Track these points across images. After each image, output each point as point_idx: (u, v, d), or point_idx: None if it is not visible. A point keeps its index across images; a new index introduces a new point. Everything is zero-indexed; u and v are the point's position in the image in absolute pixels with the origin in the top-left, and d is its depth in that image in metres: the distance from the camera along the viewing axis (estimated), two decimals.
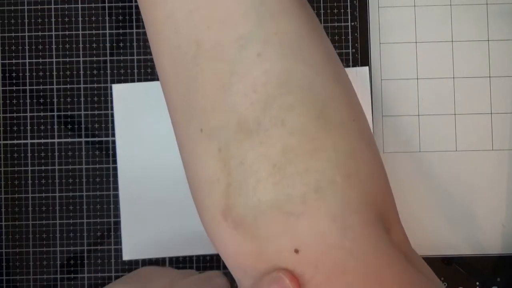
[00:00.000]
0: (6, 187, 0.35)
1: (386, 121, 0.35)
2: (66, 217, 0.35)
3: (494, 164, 0.35)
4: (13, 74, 0.35)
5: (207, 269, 0.35)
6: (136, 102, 0.35)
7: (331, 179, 0.18)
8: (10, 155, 0.35)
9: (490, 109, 0.35)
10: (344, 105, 0.20)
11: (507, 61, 0.35)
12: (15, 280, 0.35)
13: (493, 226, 0.35)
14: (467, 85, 0.35)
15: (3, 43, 0.35)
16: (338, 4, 0.35)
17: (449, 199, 0.35)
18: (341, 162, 0.18)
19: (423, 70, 0.35)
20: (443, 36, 0.35)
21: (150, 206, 0.34)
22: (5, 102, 0.35)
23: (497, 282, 0.34)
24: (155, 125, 0.35)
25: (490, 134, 0.35)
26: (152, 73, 0.35)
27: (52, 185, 0.35)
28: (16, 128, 0.35)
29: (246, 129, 0.18)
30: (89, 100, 0.35)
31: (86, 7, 0.35)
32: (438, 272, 0.35)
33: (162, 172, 0.34)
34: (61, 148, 0.35)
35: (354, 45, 0.35)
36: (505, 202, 0.35)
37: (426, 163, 0.35)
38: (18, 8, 0.35)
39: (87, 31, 0.35)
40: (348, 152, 0.19)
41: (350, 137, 0.19)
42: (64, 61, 0.35)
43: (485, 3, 0.35)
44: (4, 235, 0.35)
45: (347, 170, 0.18)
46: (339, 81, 0.20)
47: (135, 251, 0.35)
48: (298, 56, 0.19)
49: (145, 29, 0.23)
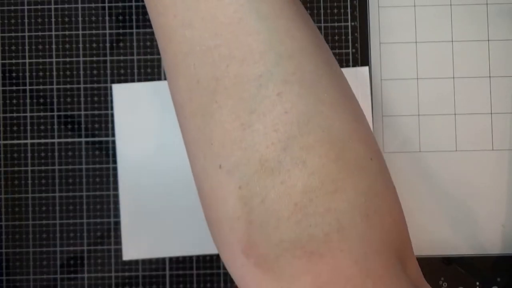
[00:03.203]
0: (6, 187, 0.35)
1: (386, 121, 0.35)
2: (66, 217, 0.35)
3: (494, 164, 0.35)
4: (13, 74, 0.35)
5: (207, 269, 0.35)
6: (136, 102, 0.35)
7: (352, 219, 0.18)
8: (10, 155, 0.35)
9: (490, 109, 0.35)
10: (362, 144, 0.20)
11: (507, 61, 0.35)
12: (15, 280, 0.35)
13: (493, 226, 0.35)
14: (467, 85, 0.35)
15: (3, 43, 0.35)
16: (338, 4, 0.35)
17: (449, 199, 0.35)
18: (361, 203, 0.19)
19: (423, 70, 0.35)
20: (443, 36, 0.35)
21: (150, 206, 0.34)
22: (5, 102, 0.35)
23: (497, 282, 0.34)
24: (155, 125, 0.35)
25: (490, 134, 0.35)
26: (152, 73, 0.35)
27: (52, 185, 0.35)
28: (16, 128, 0.35)
29: (267, 168, 0.19)
30: (89, 100, 0.35)
31: (86, 7, 0.35)
32: (438, 272, 0.35)
33: (162, 172, 0.34)
34: (61, 148, 0.35)
35: (354, 45, 0.35)
36: (505, 202, 0.35)
37: (426, 163, 0.35)
38: (18, 8, 0.35)
39: (87, 31, 0.35)
40: (367, 192, 0.19)
41: (369, 177, 0.19)
42: (64, 61, 0.35)
43: (485, 3, 0.35)
44: (4, 235, 0.35)
45: (367, 211, 0.19)
46: (356, 119, 0.20)
47: (135, 251, 0.35)
48: (318, 95, 0.19)
49: (162, 58, 0.22)
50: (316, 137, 0.19)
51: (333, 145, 0.19)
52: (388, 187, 0.21)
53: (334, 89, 0.20)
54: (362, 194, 0.19)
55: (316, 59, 0.20)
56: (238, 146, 0.19)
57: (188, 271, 0.35)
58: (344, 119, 0.20)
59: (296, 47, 0.20)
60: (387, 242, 0.19)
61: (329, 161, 0.19)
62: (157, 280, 0.35)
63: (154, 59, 0.35)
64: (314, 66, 0.20)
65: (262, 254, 0.19)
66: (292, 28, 0.20)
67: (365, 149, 0.20)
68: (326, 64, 0.21)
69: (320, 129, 0.19)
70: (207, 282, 0.35)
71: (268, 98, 0.19)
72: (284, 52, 0.19)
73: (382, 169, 0.21)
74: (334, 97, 0.20)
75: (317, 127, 0.19)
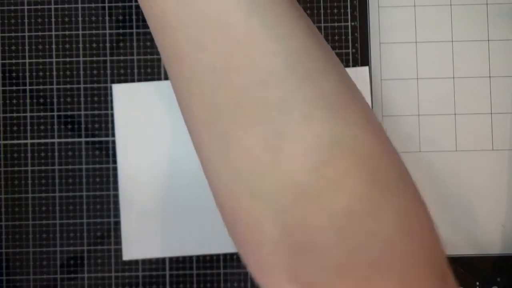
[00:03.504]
0: (6, 187, 0.35)
1: (386, 121, 0.35)
2: (66, 217, 0.35)
3: (494, 164, 0.35)
4: (13, 74, 0.35)
5: (207, 269, 0.35)
6: (136, 102, 0.35)
7: (393, 239, 0.18)
8: (10, 155, 0.35)
9: (490, 109, 0.35)
10: (392, 162, 0.20)
11: (507, 61, 0.35)
12: (15, 280, 0.35)
13: (493, 226, 0.35)
14: (467, 85, 0.35)
15: (3, 43, 0.35)
16: (338, 4, 0.35)
17: (449, 199, 0.35)
18: (400, 222, 0.18)
19: (423, 70, 0.35)
20: (443, 36, 0.35)
21: (150, 206, 0.34)
22: (5, 102, 0.35)
23: (497, 282, 0.34)
24: (155, 125, 0.35)
25: (490, 134, 0.35)
26: (152, 73, 0.35)
27: (52, 185, 0.35)
28: (16, 128, 0.35)
29: (303, 193, 0.18)
30: (89, 100, 0.35)
31: (86, 7, 0.35)
32: None
33: (162, 172, 0.34)
34: (61, 148, 0.35)
35: (354, 45, 0.35)
36: (505, 202, 0.35)
37: (426, 163, 0.35)
38: (18, 8, 0.35)
39: (87, 31, 0.35)
40: (404, 211, 0.19)
41: (404, 196, 0.19)
42: (64, 61, 0.35)
43: (485, 3, 0.35)
44: (4, 235, 0.35)
45: (407, 229, 0.19)
46: (380, 136, 0.20)
47: (135, 251, 0.35)
48: (342, 116, 0.19)
49: (171, 82, 0.21)
50: (348, 160, 0.18)
51: (367, 166, 0.19)
52: (421, 203, 0.20)
53: (355, 106, 0.20)
54: (399, 213, 0.19)
55: (336, 79, 0.20)
56: (270, 172, 0.18)
57: (188, 271, 0.35)
58: (373, 139, 0.19)
59: (316, 67, 0.19)
60: (428, 258, 0.19)
61: (365, 182, 0.18)
62: (157, 280, 0.35)
63: (154, 59, 0.35)
64: (335, 86, 0.20)
65: (308, 279, 0.18)
66: (310, 47, 0.20)
67: (395, 168, 0.20)
68: (344, 82, 0.20)
69: (351, 150, 0.18)
70: (207, 282, 0.35)
71: (294, 121, 0.18)
72: (304, 74, 0.19)
73: (413, 187, 0.21)
74: (357, 115, 0.20)
75: (348, 149, 0.18)
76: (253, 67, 0.19)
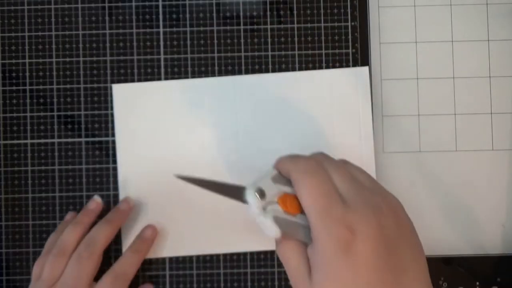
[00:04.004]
0: (6, 187, 0.35)
1: (386, 121, 0.35)
2: None
3: (494, 164, 0.35)
4: (13, 74, 0.35)
5: (207, 269, 0.35)
6: (136, 102, 0.35)
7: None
8: (10, 155, 0.35)
9: (490, 109, 0.35)
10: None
11: (507, 61, 0.35)
12: (15, 280, 0.35)
13: (493, 226, 0.35)
14: (467, 85, 0.35)
15: (3, 43, 0.35)
16: (338, 4, 0.35)
17: (449, 199, 0.35)
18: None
19: (423, 70, 0.35)
20: (443, 36, 0.35)
21: (150, 206, 0.34)
22: (5, 102, 0.35)
23: (497, 282, 0.34)
24: (155, 125, 0.35)
25: (490, 134, 0.35)
26: (152, 73, 0.35)
27: (52, 185, 0.35)
28: (16, 128, 0.35)
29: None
30: (89, 100, 0.35)
31: (86, 7, 0.35)
32: (438, 272, 0.35)
33: (162, 172, 0.34)
34: (61, 148, 0.35)
35: (354, 45, 0.35)
36: (505, 202, 0.35)
37: (426, 163, 0.35)
38: (18, 8, 0.35)
39: (87, 31, 0.35)
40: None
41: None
42: (64, 61, 0.35)
43: (485, 3, 0.35)
44: (4, 235, 0.35)
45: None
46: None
47: None
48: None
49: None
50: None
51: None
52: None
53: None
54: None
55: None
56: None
57: (188, 271, 0.35)
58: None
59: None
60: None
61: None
62: (157, 280, 0.35)
63: (154, 59, 0.35)
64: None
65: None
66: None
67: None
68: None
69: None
70: (207, 282, 0.35)
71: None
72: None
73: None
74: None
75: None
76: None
